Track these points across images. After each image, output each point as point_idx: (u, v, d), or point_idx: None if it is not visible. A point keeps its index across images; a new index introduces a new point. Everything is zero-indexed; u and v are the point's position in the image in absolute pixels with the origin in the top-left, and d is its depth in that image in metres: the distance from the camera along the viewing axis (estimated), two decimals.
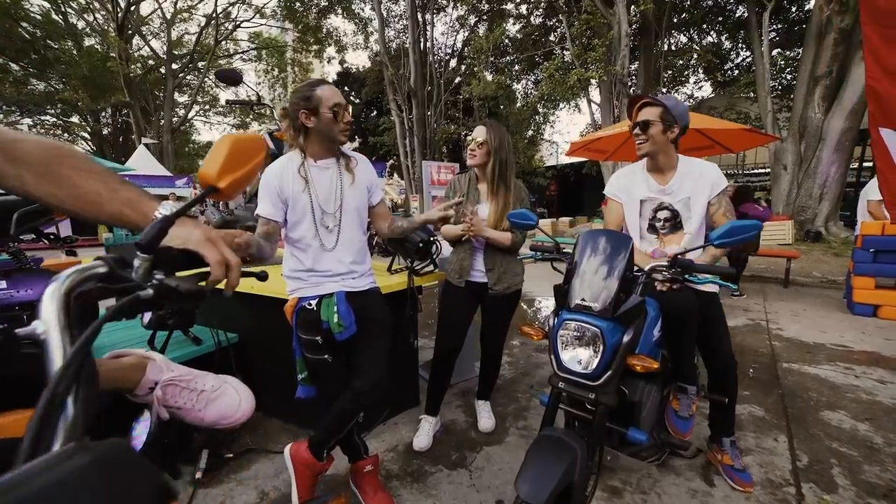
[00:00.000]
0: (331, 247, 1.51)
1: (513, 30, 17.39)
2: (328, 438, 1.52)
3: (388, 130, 18.19)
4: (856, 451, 1.94)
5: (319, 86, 1.43)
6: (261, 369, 2.29)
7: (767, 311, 4.41)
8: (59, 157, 0.65)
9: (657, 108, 1.55)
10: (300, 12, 16.50)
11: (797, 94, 9.12)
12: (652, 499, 1.64)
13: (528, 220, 1.52)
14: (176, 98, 16.69)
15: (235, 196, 0.68)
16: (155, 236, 0.53)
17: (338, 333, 1.47)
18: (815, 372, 2.87)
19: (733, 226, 1.14)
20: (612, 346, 1.15)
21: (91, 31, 16.01)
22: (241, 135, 0.65)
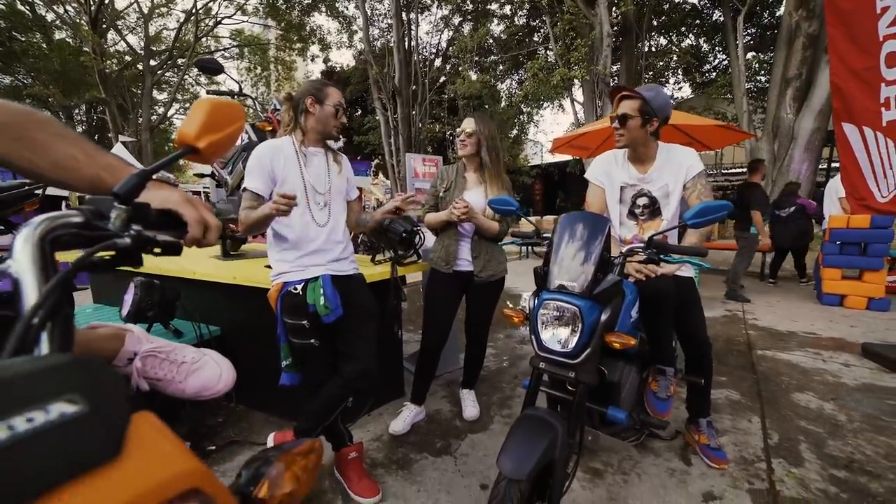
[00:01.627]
0: (323, 222, 1.58)
1: (497, 30, 17.52)
2: (315, 425, 1.52)
3: (373, 129, 18.10)
4: (821, 429, 2.04)
5: (330, 85, 1.59)
6: (244, 362, 2.24)
7: (744, 303, 4.56)
8: (32, 122, 0.63)
9: (636, 100, 1.59)
10: (283, 10, 16.26)
11: (770, 95, 9.43)
12: (632, 479, 1.69)
13: (509, 205, 1.55)
14: (155, 96, 16.23)
15: (213, 159, 0.67)
16: (133, 188, 0.52)
17: (325, 316, 1.48)
18: (787, 358, 2.98)
19: (705, 206, 1.18)
20: (590, 324, 1.19)
21: (62, 23, 15.41)
22: (220, 98, 0.65)
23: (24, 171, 0.65)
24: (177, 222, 0.63)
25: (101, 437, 0.27)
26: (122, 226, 0.52)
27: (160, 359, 0.80)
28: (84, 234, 0.50)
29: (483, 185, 1.97)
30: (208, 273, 2.19)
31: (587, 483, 1.66)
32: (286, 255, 1.55)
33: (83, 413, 0.26)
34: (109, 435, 0.28)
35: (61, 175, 0.65)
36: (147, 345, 0.80)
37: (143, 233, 0.53)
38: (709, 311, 4.21)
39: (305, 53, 18.42)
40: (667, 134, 4.92)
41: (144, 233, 0.53)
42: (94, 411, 0.27)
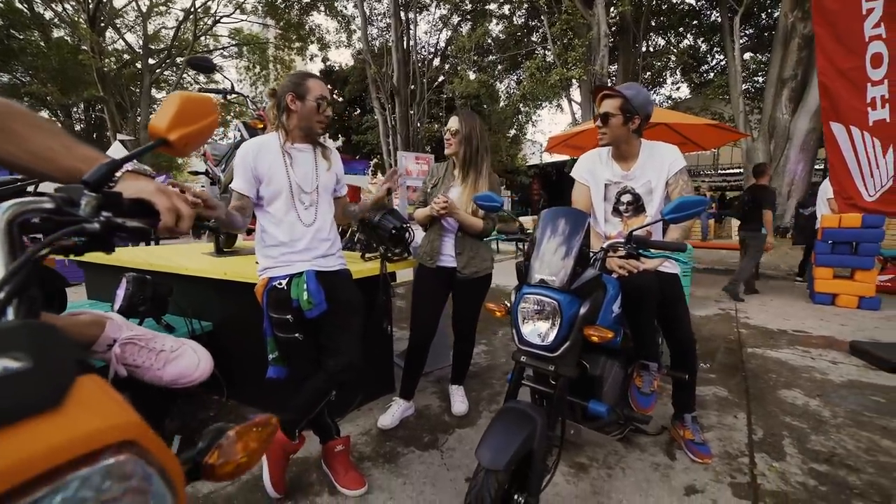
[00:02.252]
0: (309, 222, 1.57)
1: (496, 29, 17.55)
2: (300, 418, 1.53)
3: (372, 129, 18.10)
4: (805, 424, 2.06)
5: (311, 78, 1.55)
6: (235, 357, 2.27)
7: (737, 302, 4.59)
8: (10, 113, 0.65)
9: (617, 99, 1.61)
10: (282, 8, 16.27)
11: (766, 95, 9.49)
12: (617, 473, 1.71)
13: (492, 202, 1.57)
14: (153, 94, 16.23)
15: (187, 152, 0.69)
16: (102, 176, 0.54)
17: (308, 311, 1.49)
18: (776, 356, 3.01)
19: (682, 201, 1.20)
20: (568, 317, 1.21)
21: (60, 21, 15.40)
22: (192, 93, 0.67)
23: (4, 161, 0.67)
24: (151, 211, 0.65)
25: (42, 390, 0.29)
26: (91, 212, 0.54)
27: (139, 346, 0.82)
28: (55, 220, 0.52)
29: (468, 182, 1.98)
30: (200, 269, 2.20)
31: (571, 477, 1.68)
32: (271, 251, 1.56)
33: (26, 368, 0.29)
34: (51, 389, 0.30)
35: (40, 165, 0.67)
36: (127, 332, 0.82)
37: (112, 219, 0.55)
38: (702, 309, 4.26)
39: (304, 52, 18.43)
40: (661, 133, 4.98)
41: (114, 219, 0.55)
42: (38, 368, 0.29)
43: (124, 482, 0.30)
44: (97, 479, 0.29)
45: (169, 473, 0.34)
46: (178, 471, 0.35)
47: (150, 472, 0.32)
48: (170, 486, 0.34)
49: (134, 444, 0.32)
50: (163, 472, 0.33)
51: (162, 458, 0.33)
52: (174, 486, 0.34)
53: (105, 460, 0.29)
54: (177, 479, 0.35)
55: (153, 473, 0.32)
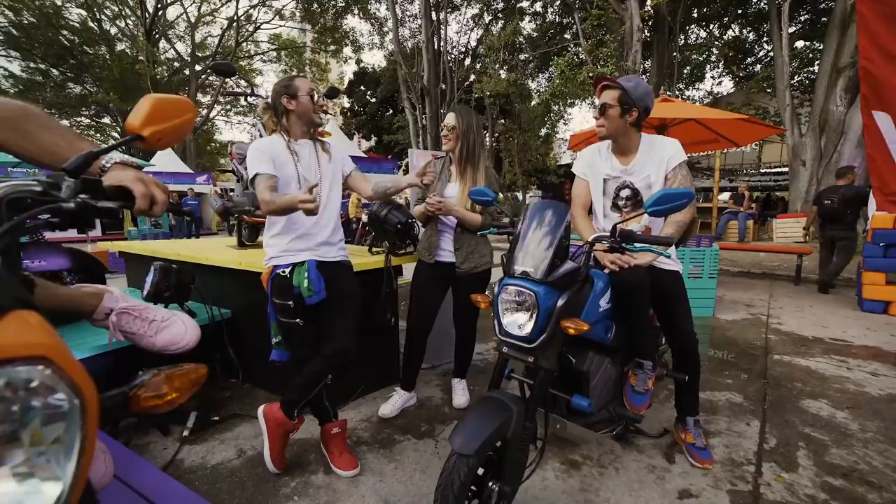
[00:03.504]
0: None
1: (528, 27, 17.33)
2: (298, 399, 1.62)
3: (403, 129, 18.39)
4: (826, 436, 1.93)
5: (297, 78, 1.65)
6: (250, 344, 2.42)
7: (770, 307, 4.32)
8: (25, 116, 0.78)
9: (615, 90, 1.58)
10: (318, 13, 16.87)
11: (818, 86, 8.78)
12: (609, 472, 1.68)
13: (486, 196, 1.59)
14: (199, 98, 17.35)
15: (162, 146, 0.77)
16: (80, 165, 0.63)
17: (307, 297, 1.58)
18: (805, 364, 2.82)
19: (664, 193, 1.18)
20: (546, 309, 1.21)
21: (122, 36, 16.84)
22: (164, 95, 0.75)
23: (19, 155, 0.79)
24: (130, 196, 0.73)
25: None
26: (70, 195, 0.63)
27: (133, 316, 0.92)
28: (41, 200, 0.61)
29: (465, 178, 2.01)
30: (219, 259, 2.36)
31: (561, 473, 1.67)
32: (277, 240, 1.66)
33: None
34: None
35: (47, 158, 0.79)
36: (122, 303, 0.92)
37: (87, 201, 0.63)
38: (729, 313, 4.04)
39: (339, 55, 19.02)
40: (690, 130, 4.78)
41: (89, 201, 0.64)
42: None
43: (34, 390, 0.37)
44: (7, 379, 0.35)
45: (81, 391, 0.40)
46: (92, 392, 0.41)
47: (59, 384, 0.38)
48: (80, 400, 0.40)
49: (48, 360, 0.38)
50: (74, 388, 0.39)
51: (76, 378, 0.40)
52: (85, 403, 0.40)
53: (16, 366, 0.36)
54: (89, 397, 0.41)
55: (62, 386, 0.38)
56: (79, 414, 0.40)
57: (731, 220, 7.07)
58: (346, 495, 1.54)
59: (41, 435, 0.38)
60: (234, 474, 1.67)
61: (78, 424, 0.40)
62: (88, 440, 0.40)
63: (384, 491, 1.57)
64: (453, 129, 1.97)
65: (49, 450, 0.39)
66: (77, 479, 0.40)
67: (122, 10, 16.07)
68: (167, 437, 1.91)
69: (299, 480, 1.63)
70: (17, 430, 0.36)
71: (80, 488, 0.40)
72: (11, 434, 0.36)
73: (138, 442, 1.87)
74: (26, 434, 0.37)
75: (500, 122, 18.65)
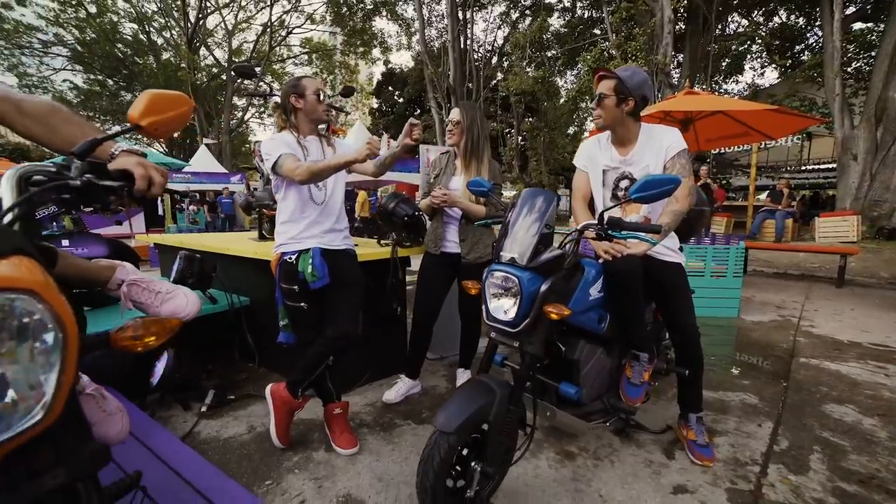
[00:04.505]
0: (320, 200, 1.77)
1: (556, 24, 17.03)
2: (302, 379, 1.71)
3: (429, 128, 18.53)
4: (847, 442, 1.82)
5: (304, 77, 1.74)
6: (266, 330, 2.55)
7: (805, 309, 4.07)
8: (51, 111, 0.90)
9: (612, 80, 1.57)
10: (347, 16, 17.31)
11: (876, 72, 8.10)
12: (604, 465, 1.66)
13: (481, 186, 1.62)
14: (234, 102, 18.26)
15: (161, 135, 0.86)
16: (85, 149, 0.73)
17: (311, 282, 1.67)
18: (835, 368, 2.65)
19: (649, 179, 1.17)
20: (529, 294, 1.23)
21: (167, 45, 18.03)
22: (162, 90, 0.84)
23: (47, 145, 0.91)
24: (131, 178, 0.83)
25: None
26: (78, 174, 0.72)
27: (141, 287, 1.02)
28: (54, 178, 0.71)
29: (470, 171, 2.04)
30: (237, 249, 2.51)
31: (555, 463, 1.67)
32: (286, 227, 1.76)
33: None
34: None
35: (68, 148, 0.90)
36: (133, 276, 1.03)
37: (92, 180, 0.73)
38: (757, 314, 3.86)
39: (367, 56, 19.43)
40: (719, 123, 4.58)
41: (94, 180, 0.73)
42: None
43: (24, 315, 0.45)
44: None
45: (62, 320, 0.48)
46: (72, 322, 0.49)
47: (44, 313, 0.46)
48: (62, 331, 0.48)
49: (36, 294, 0.46)
50: (56, 317, 0.47)
51: (59, 309, 0.48)
52: (65, 329, 0.48)
53: (8, 294, 0.44)
54: (69, 326, 0.49)
55: (46, 314, 0.47)
56: (60, 337, 0.48)
57: (768, 218, 6.66)
58: (343, 471, 1.62)
59: (33, 353, 0.47)
60: (244, 447, 1.78)
61: (60, 346, 0.48)
62: (69, 360, 0.49)
63: (379, 469, 1.63)
64: (458, 124, 2.02)
65: (40, 367, 0.48)
66: (58, 391, 0.48)
67: (167, 21, 17.21)
68: (187, 412, 2.07)
69: (301, 455, 1.72)
70: (13, 347, 0.45)
71: (61, 399, 0.49)
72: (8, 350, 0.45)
73: (162, 414, 2.03)
74: (23, 350, 0.46)
75: (528, 120, 18.44)
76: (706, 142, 5.05)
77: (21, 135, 0.91)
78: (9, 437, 0.44)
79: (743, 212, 8.94)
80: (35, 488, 0.50)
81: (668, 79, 9.00)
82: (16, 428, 0.45)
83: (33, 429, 0.46)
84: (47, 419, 0.47)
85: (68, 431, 0.54)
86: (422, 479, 1.18)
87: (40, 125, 0.88)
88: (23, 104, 0.88)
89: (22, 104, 0.88)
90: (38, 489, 0.50)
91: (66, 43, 16.47)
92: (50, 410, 0.47)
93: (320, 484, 1.55)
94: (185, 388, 2.15)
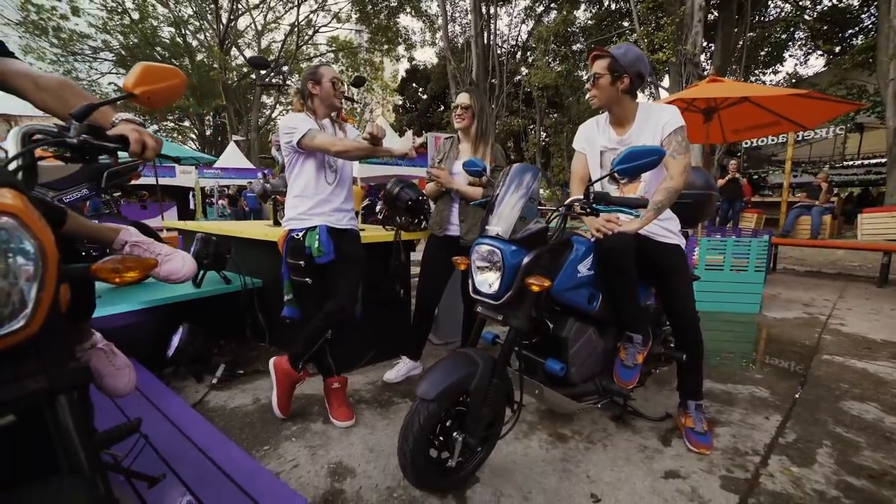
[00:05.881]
0: (332, 181, 1.86)
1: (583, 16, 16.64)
2: (303, 352, 1.79)
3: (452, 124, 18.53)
4: (862, 438, 1.72)
5: (323, 66, 1.84)
6: (277, 311, 2.64)
7: (836, 308, 3.84)
8: (63, 85, 0.99)
9: (605, 59, 1.54)
10: (372, 14, 17.53)
11: None
12: (596, 448, 1.65)
13: (476, 166, 1.63)
14: (263, 100, 18.88)
15: (155, 105, 0.93)
16: (82, 111, 0.80)
17: (318, 257, 1.75)
18: (861, 366, 2.50)
19: (631, 151, 1.15)
20: (511, 266, 1.24)
21: (201, 47, 18.85)
22: (155, 63, 0.90)
23: (60, 116, 1.00)
24: (126, 142, 0.90)
25: None
26: (76, 134, 0.80)
27: (143, 248, 1.11)
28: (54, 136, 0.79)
29: (478, 154, 2.06)
30: (250, 232, 2.63)
31: (546, 444, 1.67)
32: (298, 201, 1.84)
33: None
34: None
35: None
36: (135, 238, 1.11)
37: (88, 139, 0.80)
38: (780, 311, 3.68)
39: (392, 53, 19.62)
40: (746, 112, 4.37)
41: (90, 139, 0.81)
42: None
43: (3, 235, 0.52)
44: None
45: (41, 240, 0.54)
46: (50, 241, 0.55)
47: (23, 234, 0.53)
48: (40, 249, 0.54)
49: (17, 217, 0.53)
50: (35, 238, 0.54)
51: (37, 231, 0.54)
52: (44, 248, 0.55)
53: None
54: (47, 245, 0.55)
55: (25, 235, 0.53)
56: (39, 255, 0.54)
57: (803, 215, 6.27)
58: (337, 441, 1.68)
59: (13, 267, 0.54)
60: (247, 416, 1.87)
61: (39, 263, 0.54)
62: (48, 277, 0.55)
63: (372, 441, 1.68)
64: (468, 109, 2.05)
65: (22, 281, 0.54)
66: (38, 304, 0.55)
67: (202, 24, 17.99)
68: (200, 384, 2.19)
69: (300, 426, 1.79)
70: None
71: (41, 311, 0.55)
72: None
73: (176, 385, 2.16)
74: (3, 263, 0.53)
75: (551, 115, 18.13)
76: (732, 132, 4.82)
77: (38, 107, 1.00)
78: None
79: (775, 209, 8.47)
80: (19, 388, 0.56)
81: (697, 69, 8.63)
82: (1, 330, 0.51)
83: (16, 334, 0.53)
84: (29, 328, 0.54)
85: (53, 351, 0.61)
86: (401, 445, 1.22)
87: (54, 98, 0.97)
88: (39, 80, 0.97)
89: (39, 80, 0.97)
90: (22, 389, 0.56)
91: (112, 48, 17.55)
92: (32, 320, 0.54)
93: (314, 451, 1.61)
94: (199, 361, 2.28)
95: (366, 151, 1.76)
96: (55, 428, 0.62)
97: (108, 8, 16.48)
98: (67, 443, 0.62)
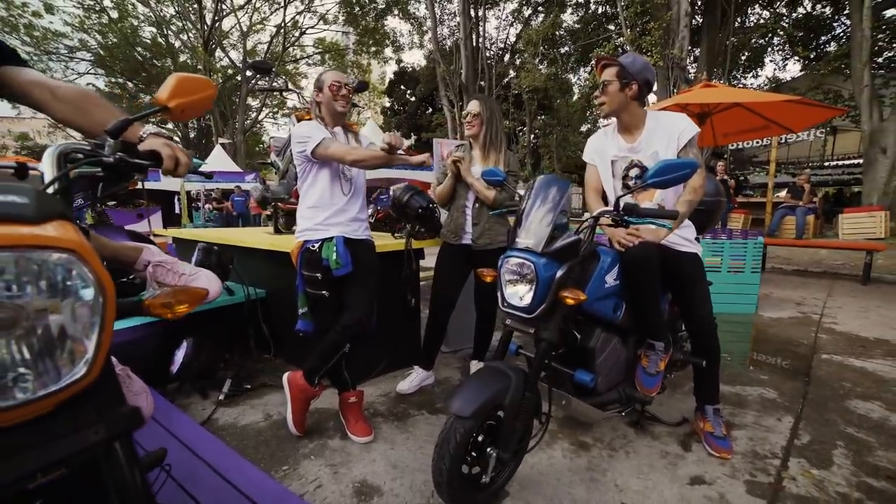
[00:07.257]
0: (347, 191, 1.81)
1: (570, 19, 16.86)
2: (319, 366, 1.74)
3: (441, 126, 18.57)
4: (874, 438, 1.77)
5: (326, 72, 1.80)
6: (282, 322, 2.60)
7: (826, 307, 3.96)
8: (85, 97, 0.95)
9: (613, 67, 1.56)
10: (359, 15, 17.43)
11: None
12: (619, 455, 1.65)
13: (496, 175, 1.62)
14: (248, 102, 18.56)
15: (186, 117, 0.89)
16: (117, 128, 0.76)
17: (335, 269, 1.71)
18: (860, 365, 2.58)
19: (666, 164, 1.15)
20: (545, 280, 1.23)
21: (184, 48, 18.43)
22: (189, 74, 0.86)
23: (78, 128, 0.95)
24: (159, 158, 0.86)
25: (29, 212, 0.47)
26: (111, 152, 0.76)
27: (166, 269, 1.06)
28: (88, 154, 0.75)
29: (489, 162, 2.05)
30: (253, 242, 2.56)
31: (570, 453, 1.67)
32: (313, 212, 1.78)
33: (23, 202, 0.47)
34: (35, 213, 0.48)
35: (99, 130, 0.94)
36: (158, 258, 1.06)
37: (123, 157, 0.76)
38: (775, 311, 3.77)
39: (379, 56, 19.54)
40: (737, 116, 4.48)
41: (126, 158, 0.76)
42: (30, 205, 0.48)
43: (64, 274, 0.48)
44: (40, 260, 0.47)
45: (100, 277, 0.51)
46: (108, 280, 0.52)
47: (82, 270, 0.49)
48: (100, 287, 0.51)
49: (76, 253, 0.49)
50: (94, 274, 0.50)
51: (96, 267, 0.50)
52: (106, 293, 0.51)
53: (49, 252, 0.47)
54: (106, 282, 0.51)
55: (84, 271, 0.50)
56: (100, 296, 0.50)
57: (788, 215, 6.48)
58: (358, 458, 1.64)
59: (75, 310, 0.50)
60: (260, 434, 1.82)
61: (100, 301, 0.51)
62: (108, 320, 0.51)
63: (394, 457, 1.65)
64: (477, 116, 2.04)
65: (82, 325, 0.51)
66: (99, 349, 0.51)
67: (185, 24, 17.60)
68: (206, 400, 2.12)
69: (317, 443, 1.75)
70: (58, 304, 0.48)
71: (101, 357, 0.51)
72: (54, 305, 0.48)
73: (182, 402, 2.09)
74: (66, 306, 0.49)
75: (540, 117, 18.30)
76: (723, 136, 4.94)
77: (56, 119, 0.95)
78: (57, 389, 0.47)
79: (760, 209, 8.72)
80: (80, 440, 0.52)
81: (684, 73, 8.83)
82: (63, 381, 0.48)
83: (77, 384, 0.49)
84: (90, 375, 0.50)
85: (107, 393, 0.57)
86: (437, 464, 1.19)
87: (74, 109, 0.92)
88: (57, 90, 0.92)
89: (56, 90, 0.92)
90: (84, 441, 0.52)
91: (89, 48, 17.01)
92: (92, 366, 0.50)
93: (336, 470, 1.57)
94: (204, 376, 2.21)
95: (382, 160, 1.70)
96: (110, 476, 0.58)
97: (84, 6, 15.95)
98: (124, 491, 0.58)
